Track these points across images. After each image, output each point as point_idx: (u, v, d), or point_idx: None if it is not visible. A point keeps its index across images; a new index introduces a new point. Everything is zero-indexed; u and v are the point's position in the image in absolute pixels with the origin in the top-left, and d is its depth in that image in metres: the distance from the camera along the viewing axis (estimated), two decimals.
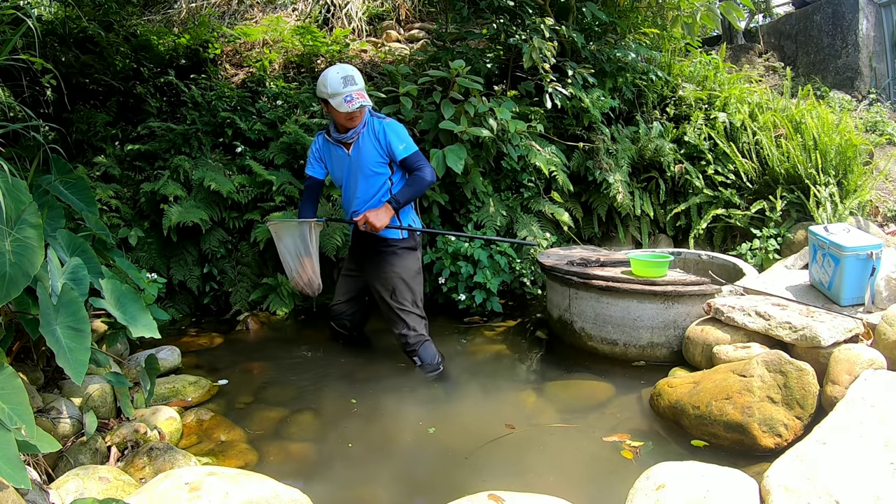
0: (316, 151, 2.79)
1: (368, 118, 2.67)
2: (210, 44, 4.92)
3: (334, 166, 2.76)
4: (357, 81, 2.52)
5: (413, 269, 2.72)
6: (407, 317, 2.65)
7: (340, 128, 2.64)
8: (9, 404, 1.35)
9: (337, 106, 2.48)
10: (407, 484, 1.88)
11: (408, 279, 2.69)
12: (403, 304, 2.66)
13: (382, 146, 2.63)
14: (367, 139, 2.64)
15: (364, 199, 2.67)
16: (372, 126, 2.66)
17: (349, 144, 2.66)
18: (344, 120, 2.57)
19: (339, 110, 2.49)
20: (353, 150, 2.65)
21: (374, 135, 2.64)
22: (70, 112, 3.90)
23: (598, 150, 4.04)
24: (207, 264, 3.59)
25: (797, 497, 1.45)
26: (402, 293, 2.67)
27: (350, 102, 2.47)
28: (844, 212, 3.61)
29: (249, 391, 2.57)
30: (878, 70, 6.20)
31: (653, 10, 4.56)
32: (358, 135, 2.63)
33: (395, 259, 2.69)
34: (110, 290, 1.91)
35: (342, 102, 2.47)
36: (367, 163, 2.63)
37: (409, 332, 2.64)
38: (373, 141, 2.63)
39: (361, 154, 2.63)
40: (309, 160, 2.82)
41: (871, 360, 2.04)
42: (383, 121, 2.69)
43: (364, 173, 2.65)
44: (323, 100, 2.57)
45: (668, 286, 2.65)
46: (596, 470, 1.94)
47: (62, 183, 2.14)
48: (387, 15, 6.17)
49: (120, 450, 1.92)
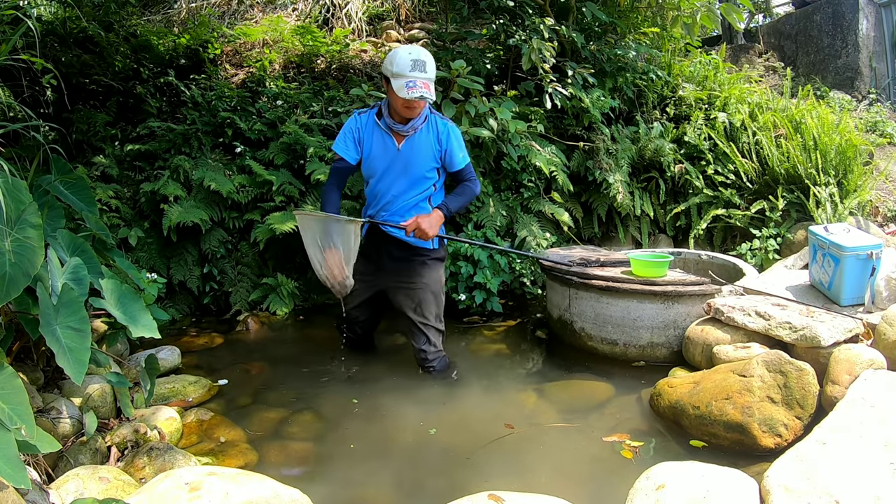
0: (356, 130, 2.42)
1: (428, 114, 2.41)
2: (210, 44, 4.92)
3: (374, 155, 2.41)
4: (428, 70, 2.25)
5: (441, 282, 2.58)
6: (429, 331, 2.52)
7: (396, 114, 2.35)
8: (9, 404, 1.35)
9: (397, 89, 2.22)
10: (407, 484, 1.88)
11: (436, 292, 2.53)
12: (427, 319, 2.51)
13: (441, 150, 2.40)
14: (426, 138, 2.38)
15: (403, 201, 2.43)
16: (434, 125, 2.41)
17: (402, 137, 2.37)
18: (400, 106, 2.28)
19: (397, 94, 2.22)
20: (406, 145, 2.37)
21: (435, 135, 2.40)
22: (70, 112, 3.90)
23: (598, 150, 4.04)
24: (207, 264, 3.59)
25: (797, 497, 1.45)
26: (427, 306, 2.50)
27: (411, 89, 2.20)
28: (844, 212, 3.61)
29: (249, 391, 2.57)
30: (878, 70, 6.20)
31: (653, 10, 4.56)
32: (415, 129, 2.37)
33: (425, 270, 2.50)
34: (110, 290, 1.91)
35: (403, 87, 2.20)
36: (419, 164, 2.38)
37: (430, 347, 2.53)
38: (432, 142, 2.39)
39: (415, 152, 2.38)
40: (343, 138, 2.44)
41: (871, 360, 2.05)
42: (448, 123, 2.44)
43: (412, 175, 2.40)
44: (385, 77, 2.30)
45: (668, 286, 2.65)
46: (596, 470, 1.94)
47: (62, 183, 2.14)
48: (387, 15, 6.17)
49: (120, 450, 1.92)
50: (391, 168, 2.41)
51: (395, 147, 2.39)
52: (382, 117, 2.40)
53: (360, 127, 2.44)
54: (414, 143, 2.39)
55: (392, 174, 2.42)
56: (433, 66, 2.29)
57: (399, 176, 2.42)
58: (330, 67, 5.00)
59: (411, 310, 2.52)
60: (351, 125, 2.45)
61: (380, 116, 2.41)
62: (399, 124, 2.36)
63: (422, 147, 2.40)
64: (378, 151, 2.42)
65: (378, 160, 2.42)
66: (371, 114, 2.45)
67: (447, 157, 2.43)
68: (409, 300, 2.52)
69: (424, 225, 2.31)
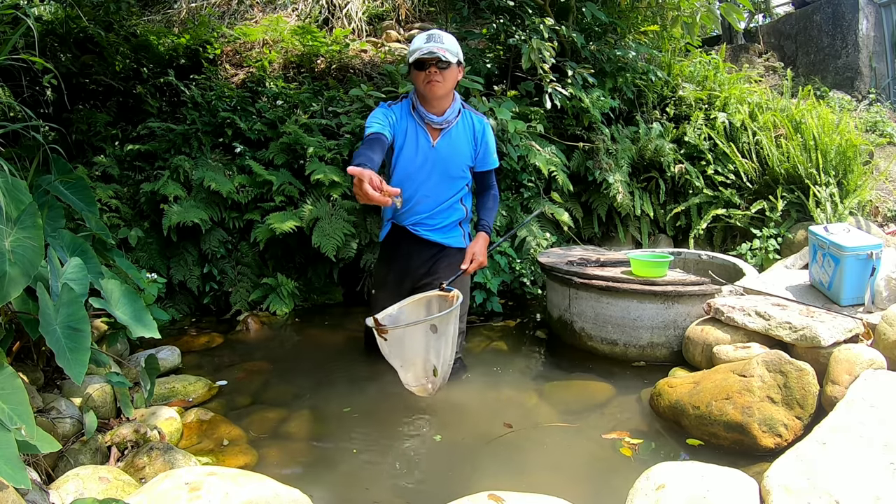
0: (390, 115, 2.24)
1: (461, 108, 2.29)
2: (210, 44, 4.92)
3: (407, 149, 2.25)
4: (445, 42, 2.13)
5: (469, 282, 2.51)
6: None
7: (424, 101, 2.21)
8: (9, 404, 1.35)
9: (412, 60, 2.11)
10: (407, 483, 1.88)
11: (465, 292, 2.45)
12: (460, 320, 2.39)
13: (477, 148, 2.28)
14: (462, 133, 2.26)
15: (438, 202, 2.31)
16: (469, 120, 2.29)
17: (437, 132, 2.24)
18: (423, 85, 2.14)
19: (415, 68, 2.11)
20: (442, 140, 2.24)
21: (471, 131, 2.28)
22: (70, 112, 3.90)
23: (598, 150, 4.04)
24: (207, 264, 3.59)
25: (797, 497, 1.45)
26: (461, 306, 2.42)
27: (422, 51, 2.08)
28: (844, 212, 3.62)
29: (250, 391, 2.57)
30: (878, 70, 6.20)
31: (653, 10, 4.56)
32: (449, 123, 2.24)
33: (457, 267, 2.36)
34: (110, 290, 1.91)
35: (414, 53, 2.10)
36: (456, 162, 2.27)
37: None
38: (469, 138, 2.27)
39: (452, 149, 2.26)
40: (377, 120, 2.20)
41: (871, 360, 2.04)
42: (483, 119, 2.32)
43: (448, 173, 2.28)
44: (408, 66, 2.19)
45: (668, 286, 2.65)
46: (596, 470, 1.94)
47: (62, 183, 2.14)
48: (387, 15, 6.17)
49: (120, 450, 1.92)
50: (424, 166, 2.28)
51: (429, 143, 2.26)
52: (416, 108, 2.26)
53: (395, 113, 2.27)
54: (451, 138, 2.27)
55: (424, 172, 2.29)
56: (452, 40, 2.18)
57: (432, 175, 2.29)
58: (330, 67, 5.00)
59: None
60: (385, 112, 2.25)
61: (414, 107, 2.28)
62: (431, 115, 2.23)
63: (460, 142, 2.29)
64: (412, 147, 2.27)
65: (411, 157, 2.28)
66: (405, 104, 2.30)
67: (481, 155, 2.33)
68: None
69: (481, 258, 2.33)
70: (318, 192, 3.62)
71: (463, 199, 2.44)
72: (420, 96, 2.24)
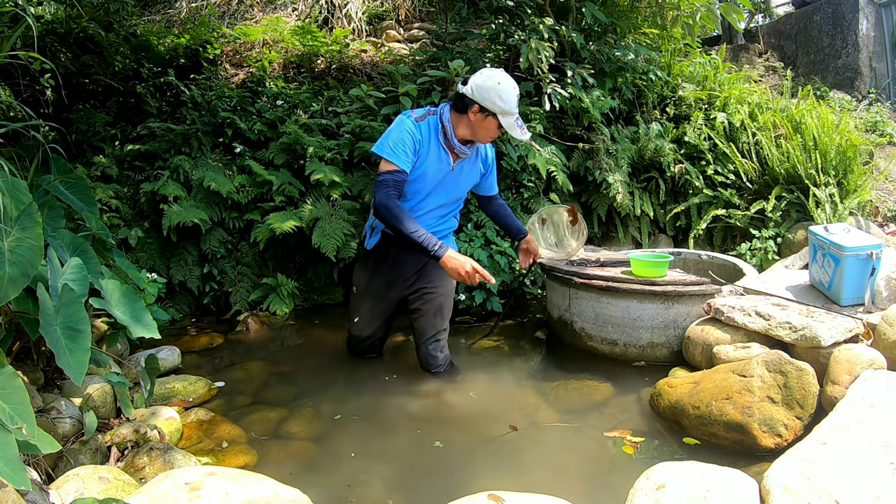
0: (418, 143, 2.25)
1: None
2: (210, 44, 4.92)
3: (429, 171, 2.30)
4: None
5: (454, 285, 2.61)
6: (441, 336, 2.55)
7: (461, 137, 2.28)
8: (9, 404, 1.35)
9: (508, 127, 2.18)
10: (407, 483, 1.88)
11: (451, 296, 2.58)
12: (444, 324, 2.56)
13: (483, 172, 2.40)
14: (474, 158, 2.38)
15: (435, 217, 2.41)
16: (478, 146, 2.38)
17: (457, 156, 2.32)
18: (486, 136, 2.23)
19: (510, 132, 2.19)
20: (460, 165, 2.33)
21: (482, 157, 2.39)
22: (70, 112, 3.90)
23: (597, 150, 4.04)
24: (207, 264, 3.59)
25: (797, 497, 1.45)
26: (446, 311, 2.54)
27: (523, 129, 2.19)
28: (844, 212, 3.62)
29: (250, 391, 2.57)
30: (878, 70, 6.21)
31: (653, 10, 4.56)
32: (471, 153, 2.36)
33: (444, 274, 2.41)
34: (110, 290, 1.91)
35: (514, 125, 2.17)
36: (466, 184, 2.39)
37: (439, 354, 2.55)
38: (477, 163, 2.37)
39: (464, 173, 2.37)
40: (402, 148, 2.21)
41: (871, 360, 2.05)
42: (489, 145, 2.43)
43: (458, 194, 2.40)
44: (483, 108, 2.18)
45: (668, 286, 2.65)
46: (596, 470, 1.94)
47: (62, 183, 2.13)
48: (387, 15, 6.17)
49: (120, 450, 1.92)
50: (440, 185, 2.35)
51: (449, 166, 2.33)
52: (448, 136, 2.28)
53: (423, 139, 2.29)
54: (465, 163, 2.37)
55: (438, 191, 2.37)
56: None
57: (443, 193, 2.39)
58: (330, 67, 5.00)
59: (431, 315, 2.51)
60: (413, 136, 2.24)
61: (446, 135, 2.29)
62: (463, 147, 2.30)
63: (471, 167, 2.40)
64: (433, 168, 2.31)
65: (432, 176, 2.32)
66: (434, 128, 2.30)
67: (487, 179, 2.45)
68: (429, 305, 2.51)
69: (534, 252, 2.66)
70: (318, 192, 3.62)
71: (456, 213, 2.59)
72: (463, 130, 2.28)
